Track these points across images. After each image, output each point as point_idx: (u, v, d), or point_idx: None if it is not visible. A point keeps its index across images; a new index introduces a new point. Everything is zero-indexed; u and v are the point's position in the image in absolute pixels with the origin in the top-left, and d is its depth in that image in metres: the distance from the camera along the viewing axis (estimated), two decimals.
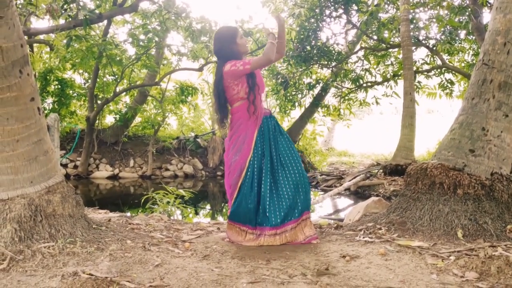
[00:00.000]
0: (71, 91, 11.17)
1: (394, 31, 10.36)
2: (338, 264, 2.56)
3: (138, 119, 11.89)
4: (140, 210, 6.33)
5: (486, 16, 8.96)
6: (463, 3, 9.50)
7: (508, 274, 2.26)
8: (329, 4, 10.17)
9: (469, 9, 8.54)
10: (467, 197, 3.16)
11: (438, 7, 9.86)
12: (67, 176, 9.59)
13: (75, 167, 10.15)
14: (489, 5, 8.47)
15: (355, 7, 10.33)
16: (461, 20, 9.19)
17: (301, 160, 3.32)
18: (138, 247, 2.80)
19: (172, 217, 4.82)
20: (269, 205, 3.12)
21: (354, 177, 8.38)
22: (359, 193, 7.74)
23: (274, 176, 3.21)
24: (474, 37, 9.51)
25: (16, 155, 2.70)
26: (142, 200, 5.44)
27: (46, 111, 10.23)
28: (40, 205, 2.71)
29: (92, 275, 2.15)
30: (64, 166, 10.01)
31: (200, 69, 10.23)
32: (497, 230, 3.02)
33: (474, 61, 10.52)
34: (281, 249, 2.96)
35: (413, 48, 9.91)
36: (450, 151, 3.40)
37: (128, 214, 4.75)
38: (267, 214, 3.10)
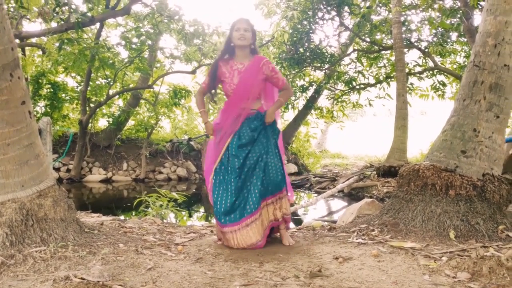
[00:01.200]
0: (63, 95, 11.12)
1: (386, 33, 10.42)
2: (331, 266, 2.57)
3: (131, 122, 11.85)
4: (133, 214, 6.31)
5: (477, 18, 9.05)
6: (454, 5, 9.58)
7: (499, 274, 2.27)
8: (321, 6, 10.22)
9: (461, 11, 8.62)
10: (459, 198, 3.18)
11: (429, 9, 9.94)
12: (60, 179, 9.53)
13: (68, 170, 10.09)
14: (480, 7, 8.54)
15: (348, 10, 10.38)
16: (452, 22, 9.27)
17: (279, 155, 3.29)
18: (130, 251, 2.79)
19: (165, 220, 4.80)
20: (234, 202, 3.09)
21: (348, 179, 8.39)
22: (352, 195, 7.75)
23: (248, 173, 3.14)
24: (465, 39, 9.60)
25: (7, 159, 2.68)
26: (135, 203, 5.42)
27: (38, 115, 10.17)
28: (32, 209, 2.69)
29: (84, 279, 2.13)
30: (57, 169, 9.95)
31: (193, 72, 10.22)
32: (489, 231, 3.04)
33: (465, 63, 10.61)
34: (274, 251, 2.96)
35: (405, 50, 9.98)
36: (442, 152, 3.42)
37: (121, 217, 4.72)
38: (237, 209, 3.08)
